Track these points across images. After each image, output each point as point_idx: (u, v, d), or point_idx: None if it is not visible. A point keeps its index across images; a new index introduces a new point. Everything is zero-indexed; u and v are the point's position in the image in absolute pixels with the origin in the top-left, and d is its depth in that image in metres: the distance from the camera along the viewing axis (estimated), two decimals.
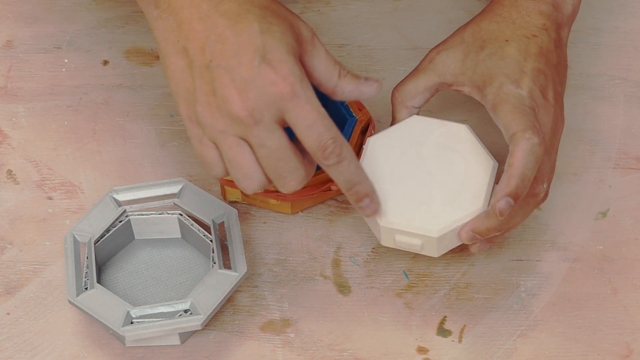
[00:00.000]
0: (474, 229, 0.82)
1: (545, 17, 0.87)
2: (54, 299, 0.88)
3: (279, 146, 0.76)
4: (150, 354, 0.85)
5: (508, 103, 0.82)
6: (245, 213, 0.93)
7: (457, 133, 0.85)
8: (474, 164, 0.84)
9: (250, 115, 0.75)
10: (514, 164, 0.80)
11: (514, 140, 0.81)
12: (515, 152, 0.80)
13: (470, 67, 0.85)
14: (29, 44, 1.04)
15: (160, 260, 0.90)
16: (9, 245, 0.91)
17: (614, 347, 0.86)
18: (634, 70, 1.02)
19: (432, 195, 0.83)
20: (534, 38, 0.86)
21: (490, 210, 0.81)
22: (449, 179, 0.84)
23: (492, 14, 0.88)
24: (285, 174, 0.77)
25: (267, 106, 0.75)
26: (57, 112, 0.99)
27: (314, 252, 0.91)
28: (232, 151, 0.77)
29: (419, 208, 0.83)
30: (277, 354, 0.85)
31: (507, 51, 0.85)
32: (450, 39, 0.88)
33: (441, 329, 0.87)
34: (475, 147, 0.85)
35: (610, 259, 0.90)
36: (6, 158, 0.96)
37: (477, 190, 0.83)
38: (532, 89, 0.83)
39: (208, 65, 0.76)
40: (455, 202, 0.82)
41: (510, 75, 0.83)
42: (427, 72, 0.87)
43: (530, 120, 0.81)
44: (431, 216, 0.82)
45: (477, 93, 0.85)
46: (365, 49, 1.04)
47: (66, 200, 0.93)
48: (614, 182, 0.95)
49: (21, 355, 0.85)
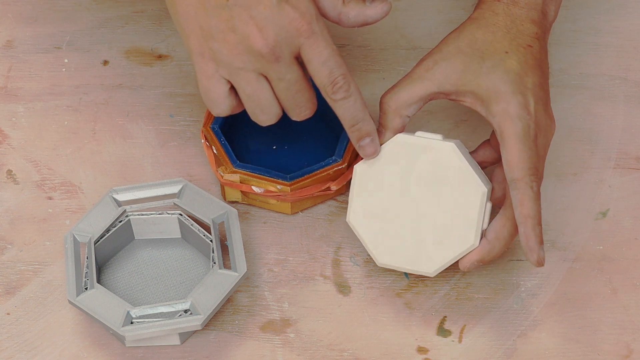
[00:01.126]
0: (481, 260, 0.84)
1: (536, 25, 0.87)
2: (54, 299, 0.88)
3: (297, 79, 0.81)
4: (150, 354, 0.85)
5: (514, 134, 0.82)
6: (245, 213, 0.93)
7: (445, 156, 0.84)
8: (462, 194, 0.84)
9: (272, 52, 0.79)
10: (530, 214, 0.81)
11: (518, 187, 0.81)
12: (524, 202, 0.81)
13: (472, 79, 0.84)
14: (29, 44, 1.04)
15: (160, 260, 0.90)
16: (9, 245, 0.91)
17: (614, 347, 0.86)
18: (634, 70, 1.02)
19: (423, 233, 0.84)
20: (529, 49, 0.86)
21: (493, 240, 0.84)
22: (439, 213, 0.84)
23: (486, 23, 0.86)
24: (302, 104, 0.82)
25: (286, 42, 0.79)
26: (57, 112, 0.99)
27: (314, 252, 0.91)
28: (250, 86, 0.81)
29: (412, 249, 0.84)
30: (277, 354, 0.85)
31: (509, 64, 0.84)
32: (444, 48, 0.86)
33: (441, 329, 0.87)
34: (463, 173, 0.84)
35: (610, 259, 0.90)
36: (6, 158, 0.96)
37: (468, 224, 0.83)
38: (537, 109, 0.83)
39: (225, 5, 0.79)
40: (448, 239, 0.84)
41: (516, 92, 0.83)
42: (424, 80, 0.85)
43: (532, 162, 0.82)
44: (425, 257, 0.84)
45: (481, 107, 0.84)
46: (365, 49, 1.04)
47: (66, 200, 0.93)
48: (614, 182, 0.95)
49: (21, 355, 0.85)
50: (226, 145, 0.91)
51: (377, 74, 1.02)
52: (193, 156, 0.96)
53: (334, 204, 0.93)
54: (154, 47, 1.03)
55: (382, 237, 0.85)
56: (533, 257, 0.81)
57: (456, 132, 0.97)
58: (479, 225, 0.83)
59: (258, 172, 0.90)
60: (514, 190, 0.82)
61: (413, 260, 0.84)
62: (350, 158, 0.91)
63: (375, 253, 0.85)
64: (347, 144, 0.91)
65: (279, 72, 0.80)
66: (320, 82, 0.81)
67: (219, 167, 0.91)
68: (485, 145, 0.90)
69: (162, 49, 1.03)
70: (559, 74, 1.02)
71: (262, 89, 0.81)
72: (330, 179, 0.91)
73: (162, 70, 1.02)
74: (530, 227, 0.81)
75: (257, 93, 0.81)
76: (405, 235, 0.84)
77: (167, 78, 1.01)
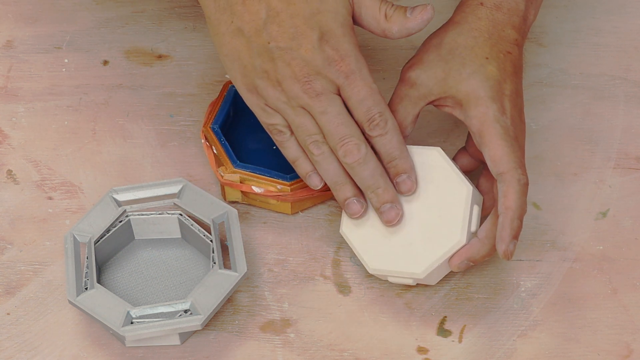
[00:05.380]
0: (470, 258, 0.84)
1: (516, 31, 0.87)
2: (54, 299, 0.88)
3: (339, 112, 0.83)
4: (150, 354, 0.85)
5: (495, 134, 0.83)
6: (245, 213, 0.93)
7: (429, 160, 0.86)
8: (448, 194, 0.84)
9: (312, 90, 0.82)
10: (511, 206, 0.82)
11: (504, 180, 0.82)
12: (508, 194, 0.82)
13: (452, 85, 0.85)
14: (29, 44, 1.04)
15: (160, 260, 0.90)
16: (9, 246, 0.91)
17: (614, 347, 0.86)
18: (634, 70, 1.02)
19: (412, 235, 0.84)
20: (509, 55, 0.86)
21: (484, 239, 0.84)
22: (426, 214, 0.85)
23: (469, 28, 0.87)
24: (346, 137, 0.83)
25: (326, 82, 0.82)
26: (57, 112, 0.99)
27: (314, 252, 0.91)
28: (298, 118, 0.84)
29: (402, 250, 0.84)
30: (277, 354, 0.85)
31: (489, 71, 0.85)
32: (424, 55, 0.87)
33: (441, 329, 0.87)
34: (448, 174, 0.85)
35: (610, 259, 0.90)
36: (6, 158, 0.96)
37: (454, 222, 0.84)
38: (513, 114, 0.84)
39: (267, 46, 0.82)
40: (435, 238, 0.84)
41: (494, 98, 0.84)
42: (413, 98, 0.86)
43: (517, 156, 0.83)
44: (414, 258, 0.84)
45: (460, 110, 0.85)
46: (365, 49, 1.04)
47: (66, 200, 0.93)
48: (614, 182, 0.95)
49: (21, 355, 0.85)
50: (226, 145, 0.91)
51: (377, 74, 1.02)
52: (193, 156, 0.96)
53: (334, 204, 0.93)
54: (154, 47, 1.03)
55: (372, 243, 0.85)
56: (501, 247, 0.82)
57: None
58: (465, 223, 0.83)
59: (258, 172, 0.90)
60: (501, 183, 0.82)
61: (402, 263, 0.84)
62: None
63: (365, 259, 0.85)
64: None
65: (321, 107, 0.83)
66: (358, 118, 0.83)
67: (219, 167, 0.91)
68: (462, 153, 0.90)
69: (162, 49, 1.03)
70: (559, 74, 1.02)
71: (306, 121, 0.84)
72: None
73: (162, 70, 1.02)
74: (508, 219, 0.81)
75: (303, 125, 0.84)
76: (395, 240, 0.85)
77: (167, 78, 1.01)
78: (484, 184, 0.88)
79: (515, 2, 0.88)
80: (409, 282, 0.85)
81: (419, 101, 0.86)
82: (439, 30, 0.88)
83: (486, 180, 0.88)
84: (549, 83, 1.01)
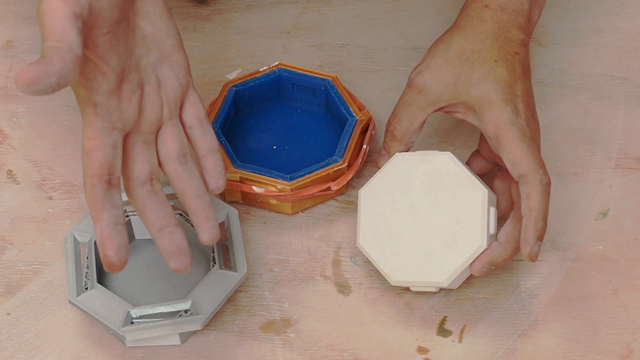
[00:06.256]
0: (492, 262, 0.84)
1: (522, 31, 0.87)
2: (54, 299, 0.88)
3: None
4: (150, 354, 0.85)
5: (512, 136, 0.82)
6: (245, 213, 0.93)
7: (441, 166, 0.85)
8: (464, 198, 0.84)
9: None
10: (535, 208, 0.81)
11: (527, 181, 0.81)
12: (532, 195, 0.81)
13: (463, 90, 0.84)
14: (29, 44, 1.04)
15: (160, 260, 0.90)
16: (9, 245, 0.91)
17: (614, 347, 0.86)
18: (634, 70, 1.02)
19: (431, 243, 0.84)
20: (516, 56, 0.86)
21: (505, 242, 0.83)
22: (444, 221, 0.84)
23: (474, 31, 0.86)
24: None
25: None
26: (57, 112, 0.99)
27: (314, 252, 0.91)
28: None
29: (422, 259, 0.84)
30: (277, 354, 0.85)
31: (499, 73, 0.84)
32: (431, 60, 0.86)
33: (441, 329, 0.87)
34: (462, 178, 0.84)
35: (610, 259, 0.90)
36: (6, 158, 0.96)
37: (473, 226, 0.83)
38: (527, 115, 0.84)
39: None
40: (455, 245, 0.83)
41: (507, 100, 0.83)
42: (420, 104, 0.86)
43: (537, 156, 0.82)
44: (436, 266, 0.84)
45: (473, 116, 0.85)
46: (365, 49, 1.04)
47: (66, 200, 0.93)
48: (614, 182, 0.95)
49: (21, 355, 0.85)
50: (226, 145, 0.91)
51: (377, 74, 1.02)
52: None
53: (334, 204, 0.93)
54: None
55: (392, 255, 0.85)
56: (526, 249, 0.81)
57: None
58: (484, 227, 0.83)
59: (258, 172, 0.90)
60: (523, 185, 0.81)
61: (425, 272, 0.84)
62: (350, 158, 0.91)
63: (386, 271, 0.85)
64: (347, 144, 0.91)
65: None
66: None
67: None
68: (476, 156, 0.90)
69: None
70: (559, 74, 1.02)
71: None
72: (331, 179, 0.91)
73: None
74: (532, 220, 0.81)
75: None
76: (415, 249, 0.84)
77: None
78: (499, 185, 0.87)
79: (520, 2, 0.87)
80: (432, 290, 0.85)
81: (427, 107, 0.86)
82: (445, 35, 0.88)
83: (501, 182, 0.87)
84: (549, 83, 1.01)
